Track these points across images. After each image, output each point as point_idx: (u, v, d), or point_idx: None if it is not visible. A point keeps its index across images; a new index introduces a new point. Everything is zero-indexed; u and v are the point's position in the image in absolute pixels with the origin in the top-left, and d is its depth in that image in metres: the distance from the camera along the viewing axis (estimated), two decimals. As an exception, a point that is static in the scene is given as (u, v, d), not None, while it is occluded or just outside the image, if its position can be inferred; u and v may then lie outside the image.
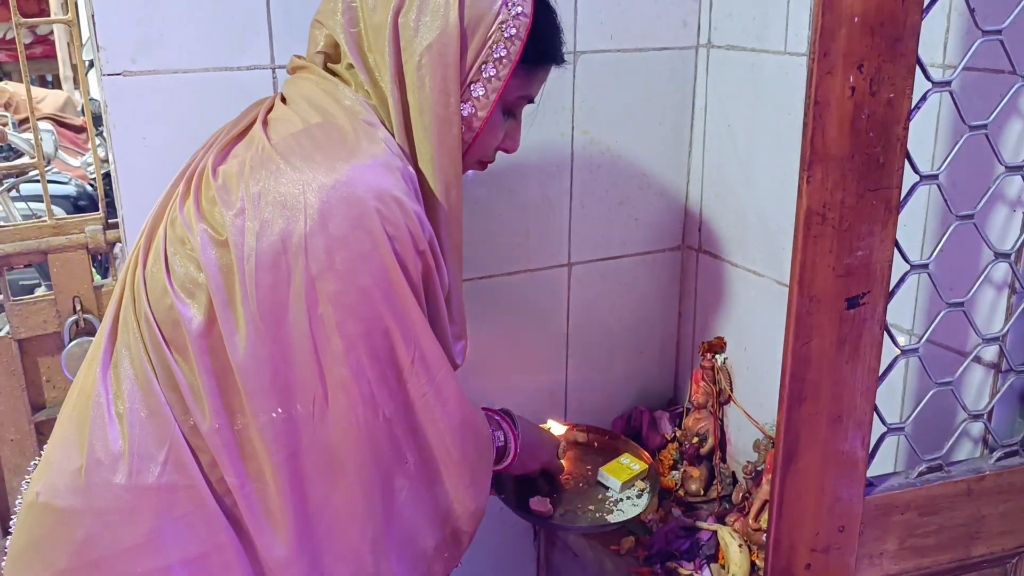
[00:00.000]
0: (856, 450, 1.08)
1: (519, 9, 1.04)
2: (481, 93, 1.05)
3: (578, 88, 1.59)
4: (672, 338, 1.84)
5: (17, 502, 1.14)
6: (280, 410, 0.98)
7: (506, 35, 1.04)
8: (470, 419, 1.10)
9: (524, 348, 1.69)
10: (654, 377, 1.84)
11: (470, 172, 1.18)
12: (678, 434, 1.74)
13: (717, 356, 1.71)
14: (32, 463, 1.17)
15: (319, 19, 1.09)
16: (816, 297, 1.01)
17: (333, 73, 1.08)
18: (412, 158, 1.04)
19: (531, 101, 1.16)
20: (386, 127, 1.03)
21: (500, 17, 1.03)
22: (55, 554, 1.01)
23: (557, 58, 1.14)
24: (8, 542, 1.11)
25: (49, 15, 5.26)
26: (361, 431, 1.01)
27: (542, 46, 1.09)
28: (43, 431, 1.67)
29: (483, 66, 1.04)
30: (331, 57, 1.08)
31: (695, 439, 1.70)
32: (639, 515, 1.43)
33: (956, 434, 1.16)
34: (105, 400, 1.02)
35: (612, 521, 1.41)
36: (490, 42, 1.03)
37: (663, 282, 1.79)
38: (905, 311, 1.33)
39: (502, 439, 1.29)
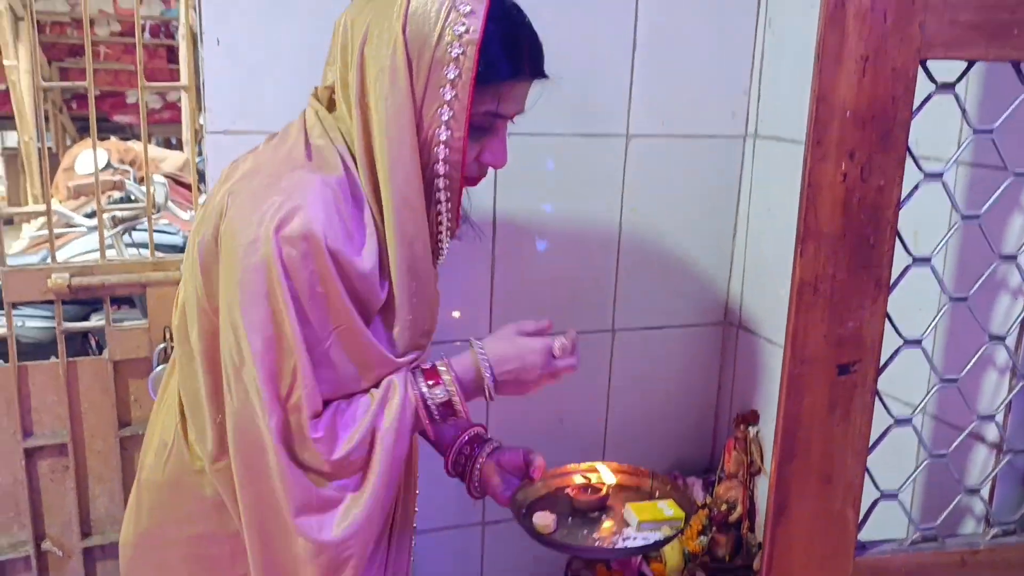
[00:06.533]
0: (846, 510, 1.15)
1: (461, 29, 1.05)
2: (449, 115, 1.07)
3: (629, 168, 1.73)
4: (711, 408, 1.92)
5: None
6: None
7: (452, 55, 1.05)
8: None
9: (564, 406, 1.80)
10: (691, 444, 1.92)
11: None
12: (708, 501, 1.81)
13: (750, 428, 1.78)
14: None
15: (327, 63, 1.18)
16: (808, 361, 1.10)
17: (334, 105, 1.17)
18: (372, 176, 1.09)
19: (503, 117, 1.14)
20: (350, 154, 1.11)
21: (445, 39, 1.05)
22: (138, 517, 1.24)
23: (521, 72, 1.12)
24: None
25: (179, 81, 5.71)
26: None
27: (499, 63, 1.08)
28: (126, 446, 1.85)
29: (440, 89, 1.06)
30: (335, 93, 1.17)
31: (724, 506, 1.77)
32: (642, 547, 1.30)
33: (951, 506, 1.22)
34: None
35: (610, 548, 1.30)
36: (437, 65, 1.06)
37: (704, 354, 1.88)
38: (918, 386, 1.39)
39: (443, 395, 1.14)
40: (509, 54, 1.09)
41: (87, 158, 3.90)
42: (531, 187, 1.69)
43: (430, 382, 1.13)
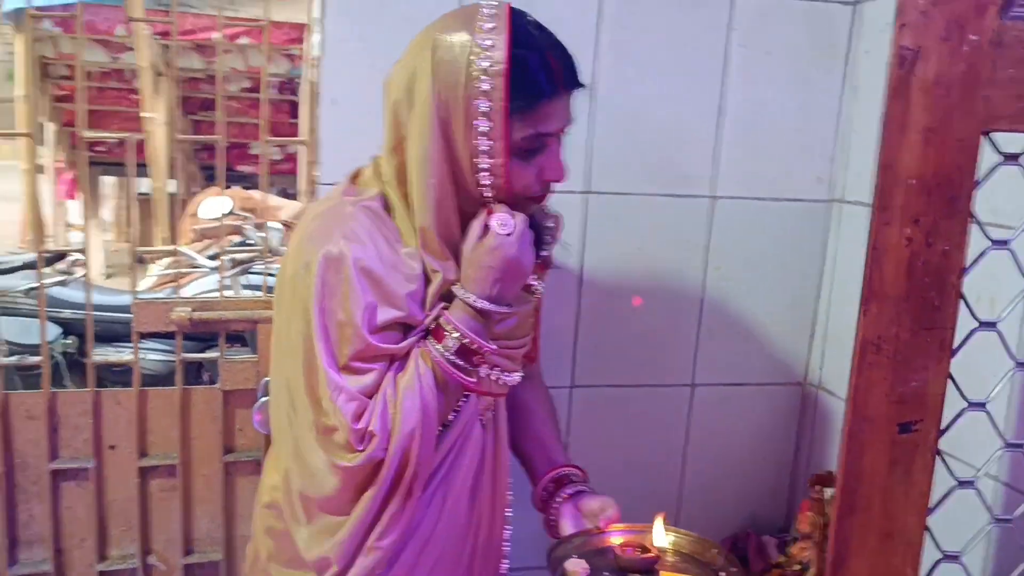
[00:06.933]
0: (906, 568, 1.16)
1: (485, 64, 1.09)
2: (488, 145, 1.12)
3: (714, 228, 1.80)
4: (787, 467, 1.93)
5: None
6: None
7: (482, 90, 1.10)
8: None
9: (642, 456, 1.85)
10: (766, 503, 1.93)
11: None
12: (782, 560, 1.82)
13: (825, 489, 1.79)
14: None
15: None
16: (869, 418, 1.13)
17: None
18: (407, 202, 1.18)
19: (549, 135, 1.16)
20: (386, 195, 1.20)
21: (472, 75, 1.10)
22: (255, 537, 1.37)
23: (554, 90, 1.14)
24: None
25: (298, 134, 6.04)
26: None
27: (529, 87, 1.12)
28: (229, 471, 1.99)
29: (475, 122, 1.11)
30: None
31: (797, 566, 1.77)
32: None
33: (1016, 572, 1.21)
34: None
35: None
36: (470, 101, 1.10)
37: (782, 413, 1.91)
38: (987, 450, 1.39)
39: (453, 343, 1.16)
40: (537, 76, 1.12)
41: (211, 205, 4.17)
42: (618, 244, 1.77)
43: (439, 339, 1.16)
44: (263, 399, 1.91)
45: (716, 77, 1.74)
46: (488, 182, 1.14)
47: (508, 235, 1.15)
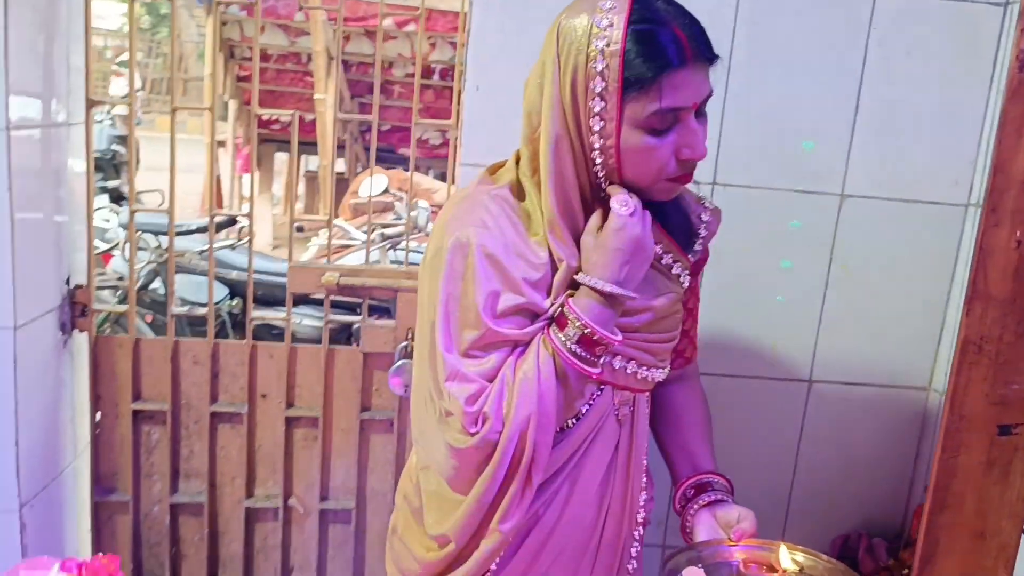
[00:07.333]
0: (999, 569, 1.17)
1: (602, 44, 1.09)
2: (601, 126, 1.12)
3: (841, 226, 1.80)
4: (907, 472, 1.91)
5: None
6: None
7: (597, 70, 1.10)
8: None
9: (754, 448, 1.87)
10: (883, 506, 1.92)
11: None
12: (892, 563, 1.81)
13: (942, 496, 1.76)
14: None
15: None
16: (967, 417, 1.14)
17: None
18: (539, 191, 1.19)
19: (678, 110, 1.12)
20: (520, 184, 1.23)
21: (591, 56, 1.10)
22: (397, 505, 1.43)
23: (682, 62, 1.10)
24: None
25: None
26: None
27: (646, 63, 1.09)
28: (364, 427, 2.15)
29: (591, 103, 1.12)
30: None
31: (906, 571, 1.76)
32: None
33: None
34: None
35: None
36: (588, 82, 1.11)
37: (905, 417, 1.89)
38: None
39: (575, 332, 1.14)
40: (661, 49, 1.09)
41: (370, 183, 4.43)
42: (742, 236, 1.80)
43: (561, 327, 1.15)
44: (400, 362, 2.06)
45: (853, 75, 1.74)
46: (599, 160, 1.15)
47: (631, 214, 1.15)
